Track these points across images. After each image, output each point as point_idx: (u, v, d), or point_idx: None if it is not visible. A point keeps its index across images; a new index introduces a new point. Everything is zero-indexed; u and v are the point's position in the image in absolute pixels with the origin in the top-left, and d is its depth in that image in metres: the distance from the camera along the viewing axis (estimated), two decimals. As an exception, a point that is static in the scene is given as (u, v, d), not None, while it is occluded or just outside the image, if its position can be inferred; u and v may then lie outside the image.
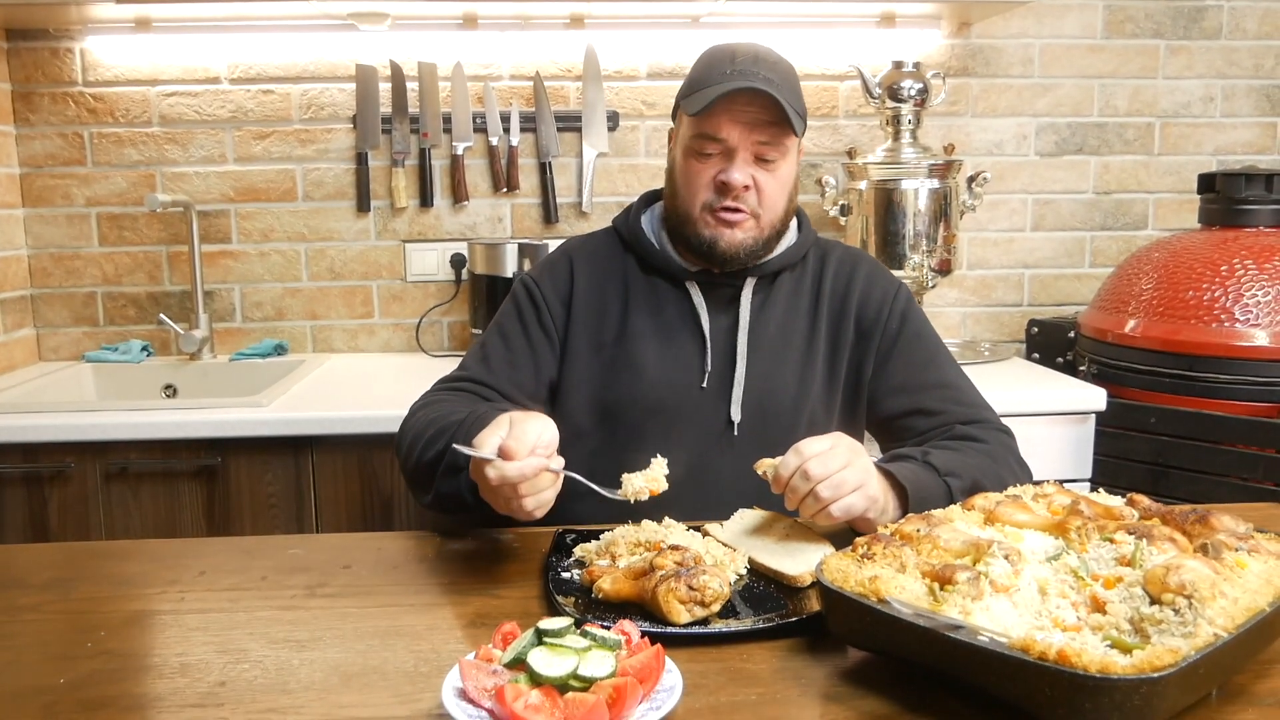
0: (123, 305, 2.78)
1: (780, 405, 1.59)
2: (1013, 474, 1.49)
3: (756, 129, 1.51)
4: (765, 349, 1.61)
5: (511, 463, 1.18)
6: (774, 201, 1.56)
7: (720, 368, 1.60)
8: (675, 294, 1.64)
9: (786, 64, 1.58)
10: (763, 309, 1.63)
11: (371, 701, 0.95)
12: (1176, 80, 2.90)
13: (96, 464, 2.10)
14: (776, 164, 1.55)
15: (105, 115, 2.70)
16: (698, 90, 1.53)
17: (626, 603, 1.12)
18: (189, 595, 1.21)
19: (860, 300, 1.66)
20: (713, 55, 1.58)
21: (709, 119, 1.52)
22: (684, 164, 1.58)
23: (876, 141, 2.70)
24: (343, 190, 2.77)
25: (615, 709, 0.86)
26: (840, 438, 1.28)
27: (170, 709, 0.94)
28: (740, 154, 1.53)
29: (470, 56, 2.74)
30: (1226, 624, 0.87)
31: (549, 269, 1.69)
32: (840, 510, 1.24)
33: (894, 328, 1.65)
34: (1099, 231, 2.95)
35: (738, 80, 1.49)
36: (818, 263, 1.69)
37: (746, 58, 1.53)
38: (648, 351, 1.61)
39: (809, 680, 0.98)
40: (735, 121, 1.51)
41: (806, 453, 1.24)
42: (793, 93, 1.53)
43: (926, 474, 1.38)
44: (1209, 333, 2.22)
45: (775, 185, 1.56)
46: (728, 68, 1.52)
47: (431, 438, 1.42)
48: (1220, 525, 1.08)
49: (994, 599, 0.95)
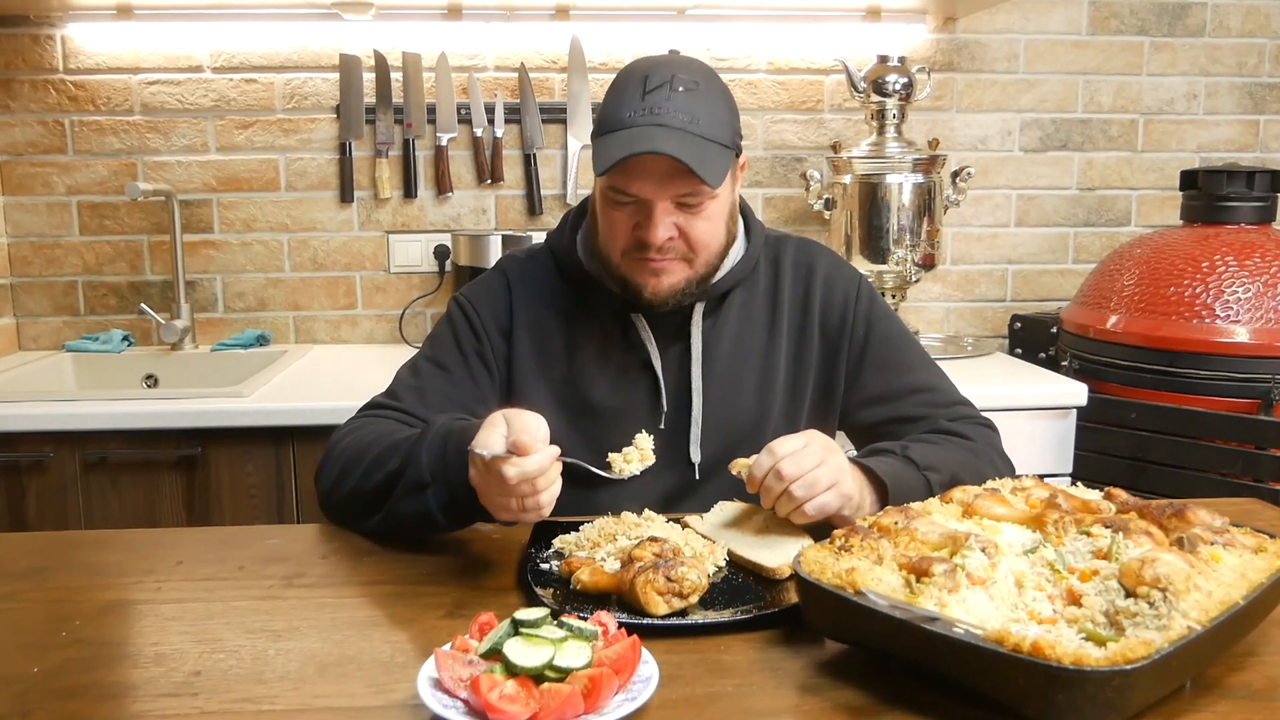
0: (103, 295, 2.76)
1: (741, 433, 1.52)
2: (994, 468, 1.47)
3: (671, 182, 1.36)
4: (721, 376, 1.54)
5: (530, 458, 1.13)
6: (705, 243, 1.44)
7: (675, 404, 1.53)
8: (620, 326, 1.53)
9: (711, 82, 1.42)
10: (714, 331, 1.54)
11: (347, 691, 0.95)
12: (1160, 77, 2.91)
13: (76, 454, 2.09)
14: (703, 205, 1.41)
15: (86, 103, 2.68)
16: (605, 133, 1.38)
17: (605, 594, 1.12)
18: (165, 585, 1.21)
19: (822, 306, 1.58)
20: (623, 82, 1.41)
21: (618, 174, 1.36)
22: (602, 208, 1.45)
23: (861, 136, 2.70)
24: (326, 180, 2.76)
25: (591, 699, 0.85)
26: (814, 435, 1.28)
27: (145, 698, 0.94)
28: (658, 207, 1.38)
29: (455, 47, 2.73)
30: (1200, 617, 0.87)
31: (486, 293, 1.58)
32: (814, 509, 1.24)
33: (861, 334, 1.58)
34: (1082, 227, 2.96)
35: (643, 129, 1.34)
36: (770, 269, 1.60)
37: (660, 86, 1.37)
38: (599, 391, 1.52)
39: (786, 672, 0.98)
40: (648, 177, 1.36)
41: (779, 452, 1.24)
42: (715, 123, 1.38)
43: (905, 468, 1.37)
44: (1190, 329, 2.23)
45: (705, 227, 1.42)
46: (635, 105, 1.36)
47: (377, 459, 1.33)
48: (1196, 519, 1.08)
49: (970, 591, 0.95)
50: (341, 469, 1.39)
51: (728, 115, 1.43)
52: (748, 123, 2.80)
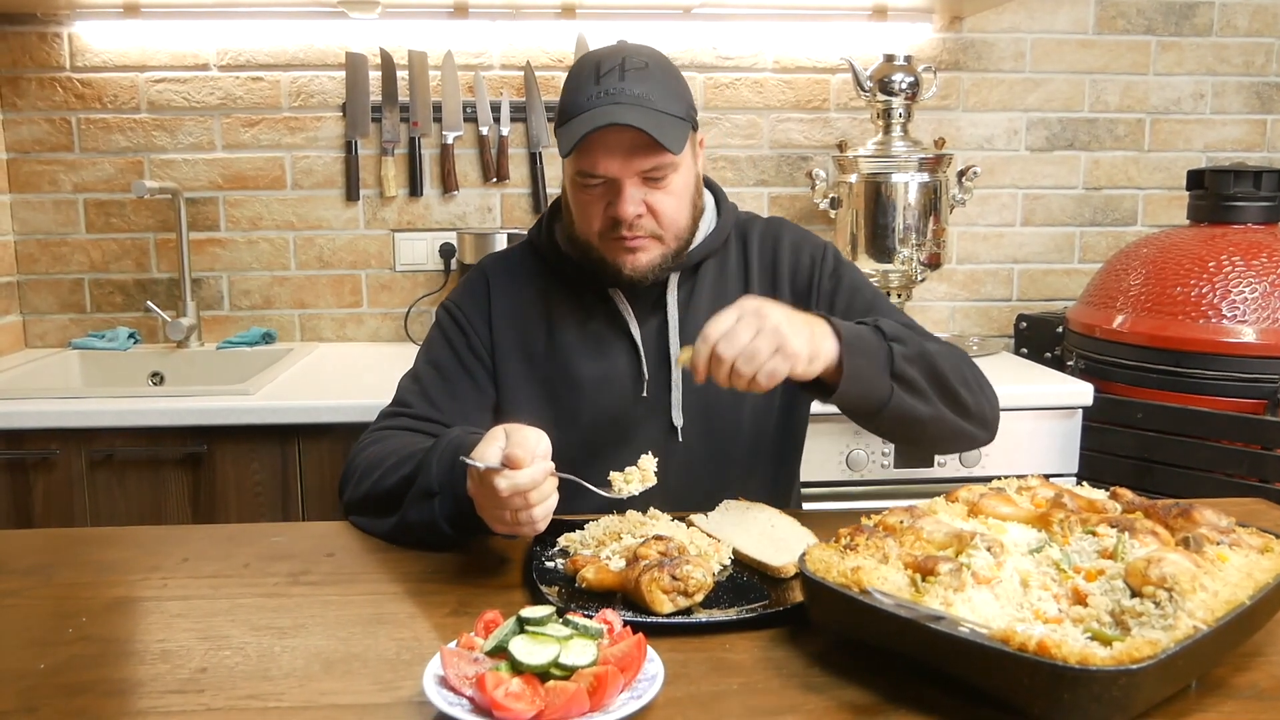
0: (110, 292, 2.77)
1: (721, 398, 1.55)
2: (970, 370, 1.49)
3: (635, 157, 1.43)
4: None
5: (522, 471, 1.15)
6: (673, 218, 1.50)
7: (656, 373, 1.58)
8: (600, 302, 1.59)
9: (659, 62, 1.49)
10: (690, 302, 1.60)
11: (353, 689, 0.95)
12: (1167, 76, 2.90)
13: (82, 451, 2.09)
14: (668, 179, 1.47)
15: (93, 101, 2.68)
16: (566, 120, 1.46)
17: (610, 592, 1.12)
18: (171, 582, 1.21)
19: (791, 268, 1.64)
20: (577, 73, 1.49)
21: (583, 156, 1.44)
22: (573, 195, 1.52)
23: (867, 135, 2.70)
24: (331, 179, 2.76)
25: (596, 697, 0.86)
26: (744, 303, 1.27)
27: (151, 695, 0.94)
28: (625, 183, 1.45)
29: (461, 45, 2.73)
30: (1206, 617, 0.87)
31: (468, 291, 1.65)
32: (765, 378, 1.24)
33: (829, 286, 1.62)
34: (1088, 227, 2.96)
35: (600, 108, 1.41)
36: (740, 243, 1.66)
37: (611, 71, 1.44)
38: (582, 367, 1.57)
39: (791, 670, 0.98)
40: (611, 155, 1.43)
41: (712, 335, 1.25)
42: (669, 95, 1.45)
43: (871, 334, 1.36)
44: (1196, 329, 2.23)
45: (671, 202, 1.49)
46: (592, 90, 1.43)
47: (394, 465, 1.37)
48: (1202, 519, 1.08)
49: (976, 590, 0.95)
50: (363, 474, 1.43)
51: (679, 90, 1.49)
52: (753, 120, 2.81)
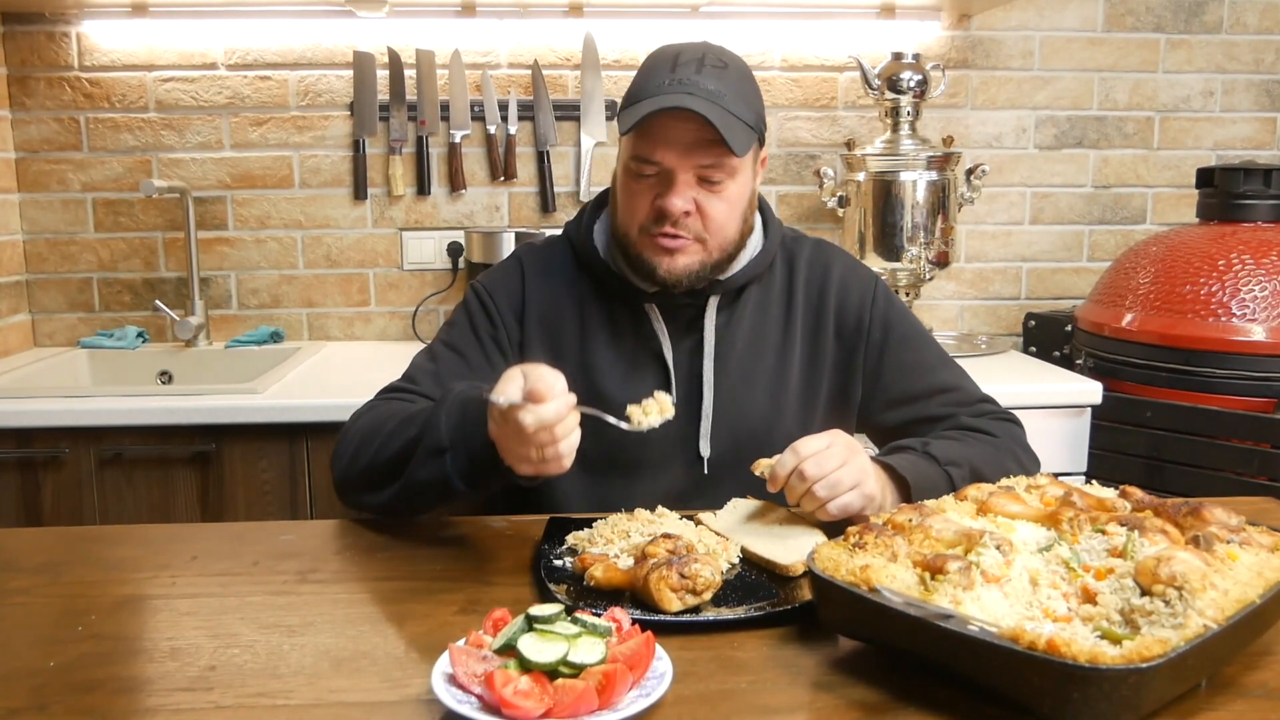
0: (118, 291, 2.78)
1: (752, 431, 1.52)
2: (1018, 463, 1.46)
3: (695, 151, 1.38)
4: (733, 372, 1.54)
5: (546, 404, 1.13)
6: (721, 225, 1.44)
7: (686, 397, 1.52)
8: (633, 316, 1.54)
9: (739, 66, 1.44)
10: (728, 326, 1.54)
11: (361, 686, 0.95)
12: (1176, 74, 2.89)
13: (91, 450, 2.10)
14: (723, 185, 1.42)
15: (101, 100, 2.69)
16: (633, 103, 1.41)
17: (618, 590, 1.12)
18: (180, 580, 1.21)
19: (837, 309, 1.58)
20: (654, 60, 1.45)
21: (643, 140, 1.39)
22: (623, 182, 1.46)
23: (875, 133, 2.70)
24: (339, 177, 2.77)
25: (605, 695, 0.86)
26: (838, 436, 1.28)
27: (160, 692, 0.94)
28: (680, 177, 1.40)
29: (468, 44, 2.73)
30: (1216, 615, 0.87)
31: (502, 279, 1.60)
32: (836, 509, 1.24)
33: (878, 337, 1.57)
34: (1097, 225, 2.95)
35: (672, 95, 1.36)
36: (785, 268, 1.60)
37: (689, 63, 1.40)
38: (609, 380, 1.52)
39: (799, 669, 0.98)
40: (671, 144, 1.38)
41: (803, 452, 1.24)
42: (743, 101, 1.40)
43: (927, 465, 1.37)
44: (1206, 327, 2.22)
45: (723, 208, 1.43)
46: (665, 76, 1.39)
47: (395, 429, 1.35)
48: (1212, 518, 1.08)
49: (985, 589, 0.95)
50: (359, 445, 1.40)
51: (754, 99, 1.44)
52: (761, 120, 2.80)
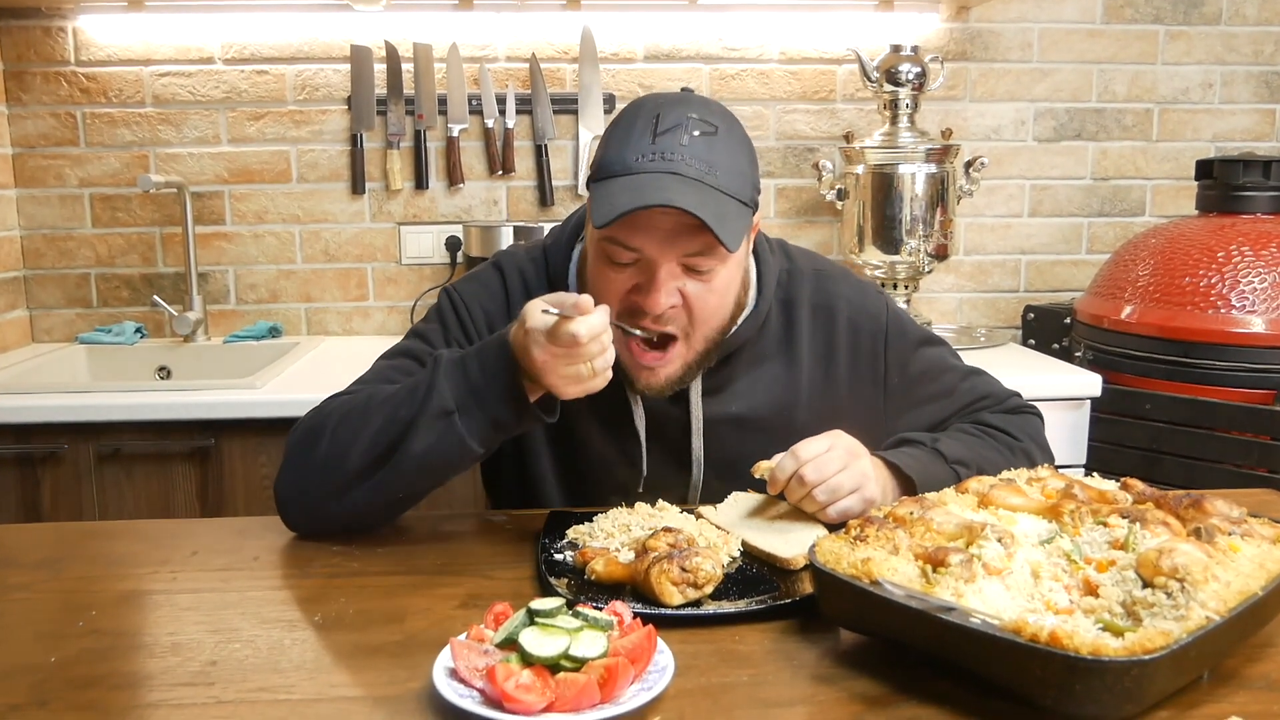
0: (116, 287, 2.77)
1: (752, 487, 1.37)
2: (1030, 463, 1.41)
3: (681, 239, 1.21)
4: (728, 438, 1.41)
5: (594, 315, 1.11)
6: (709, 317, 1.28)
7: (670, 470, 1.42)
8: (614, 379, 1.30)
9: (729, 126, 1.26)
10: (718, 392, 1.40)
11: (363, 681, 0.95)
12: (1175, 66, 2.89)
13: (89, 445, 2.10)
14: (713, 273, 1.25)
15: (98, 95, 2.68)
16: (606, 176, 1.22)
17: (619, 584, 1.12)
18: (180, 575, 1.21)
19: (849, 352, 1.45)
20: (632, 117, 1.25)
21: (618, 225, 1.19)
22: (594, 265, 1.29)
23: (874, 125, 2.69)
24: (337, 172, 2.76)
25: (606, 689, 0.86)
26: (839, 438, 1.26)
27: (161, 687, 0.94)
28: (662, 268, 1.22)
29: (466, 38, 2.72)
30: (1218, 607, 0.87)
31: (480, 288, 1.44)
32: (836, 513, 1.24)
33: (896, 381, 1.47)
34: (1096, 217, 2.95)
35: (653, 176, 1.18)
36: (783, 317, 1.43)
37: (673, 129, 1.21)
38: (588, 434, 1.41)
39: (801, 662, 0.98)
40: (652, 231, 1.20)
41: (803, 456, 1.23)
42: (735, 172, 1.22)
43: (934, 462, 1.34)
44: (1205, 319, 2.22)
45: (712, 300, 1.27)
46: (646, 146, 1.20)
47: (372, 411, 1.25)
48: (1214, 510, 1.07)
49: (986, 581, 0.95)
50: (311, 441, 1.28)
51: (748, 167, 1.27)
52: (759, 112, 2.80)
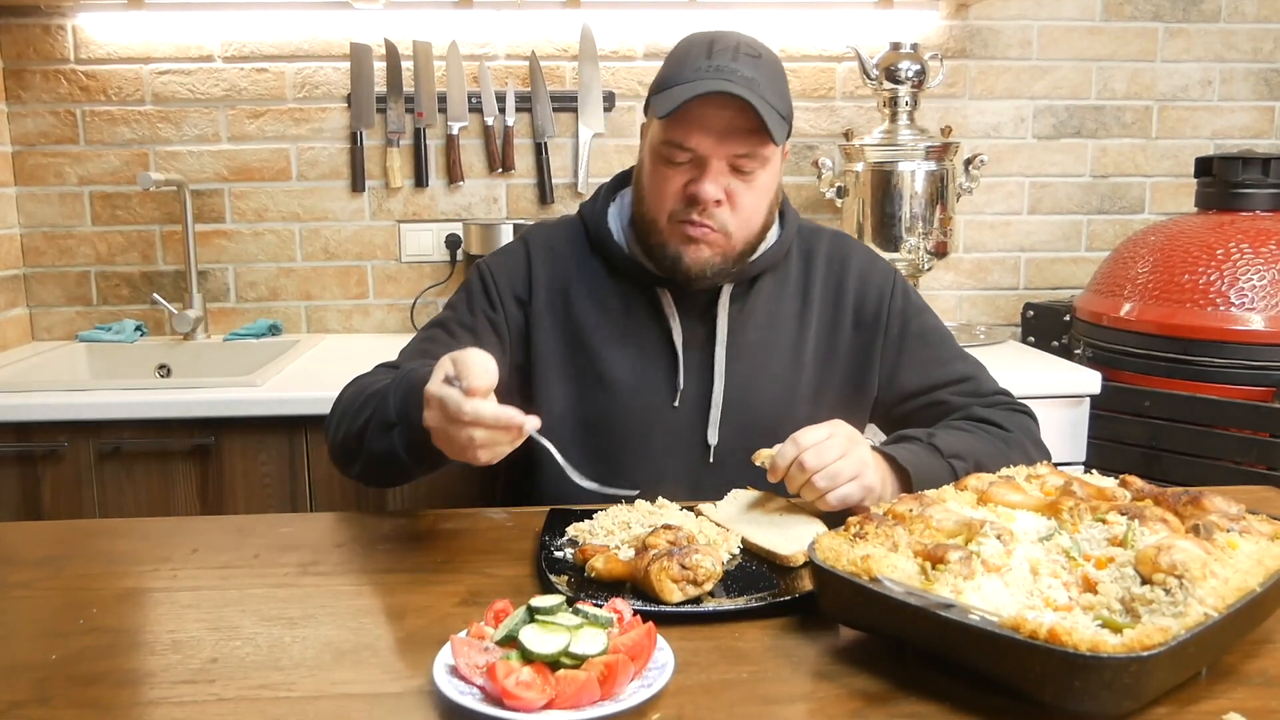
0: (116, 285, 2.77)
1: (762, 422, 1.50)
2: (1027, 458, 1.44)
3: (731, 138, 1.38)
4: (745, 360, 1.53)
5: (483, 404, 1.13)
6: (749, 216, 1.45)
7: (695, 385, 1.52)
8: (644, 298, 1.53)
9: (771, 57, 1.44)
10: (741, 314, 1.54)
11: (363, 678, 0.95)
12: (1175, 63, 2.89)
13: (90, 444, 2.10)
14: (755, 175, 1.42)
15: (98, 93, 2.68)
16: (668, 87, 1.40)
17: (619, 581, 1.13)
18: (181, 573, 1.21)
19: (856, 303, 1.58)
20: (688, 46, 1.44)
21: (678, 125, 1.38)
22: (652, 169, 1.46)
23: (873, 123, 2.69)
24: (337, 170, 2.76)
25: (606, 686, 0.86)
26: (839, 426, 1.28)
27: (162, 685, 0.95)
28: (713, 164, 1.40)
29: (466, 36, 2.72)
30: (1217, 604, 0.87)
31: (507, 261, 1.58)
32: (836, 499, 1.24)
33: (896, 331, 1.58)
34: (1095, 215, 2.95)
35: (710, 81, 1.35)
36: (802, 259, 1.60)
37: (725, 50, 1.39)
38: (617, 365, 1.52)
39: (800, 659, 0.98)
40: (708, 130, 1.38)
41: (803, 443, 1.24)
42: (776, 92, 1.40)
43: (930, 456, 1.36)
44: (1205, 316, 2.22)
45: (752, 198, 1.44)
46: (702, 63, 1.38)
47: (361, 405, 1.38)
48: (1212, 506, 1.08)
49: (986, 578, 0.95)
50: (338, 417, 1.44)
51: (785, 91, 1.45)
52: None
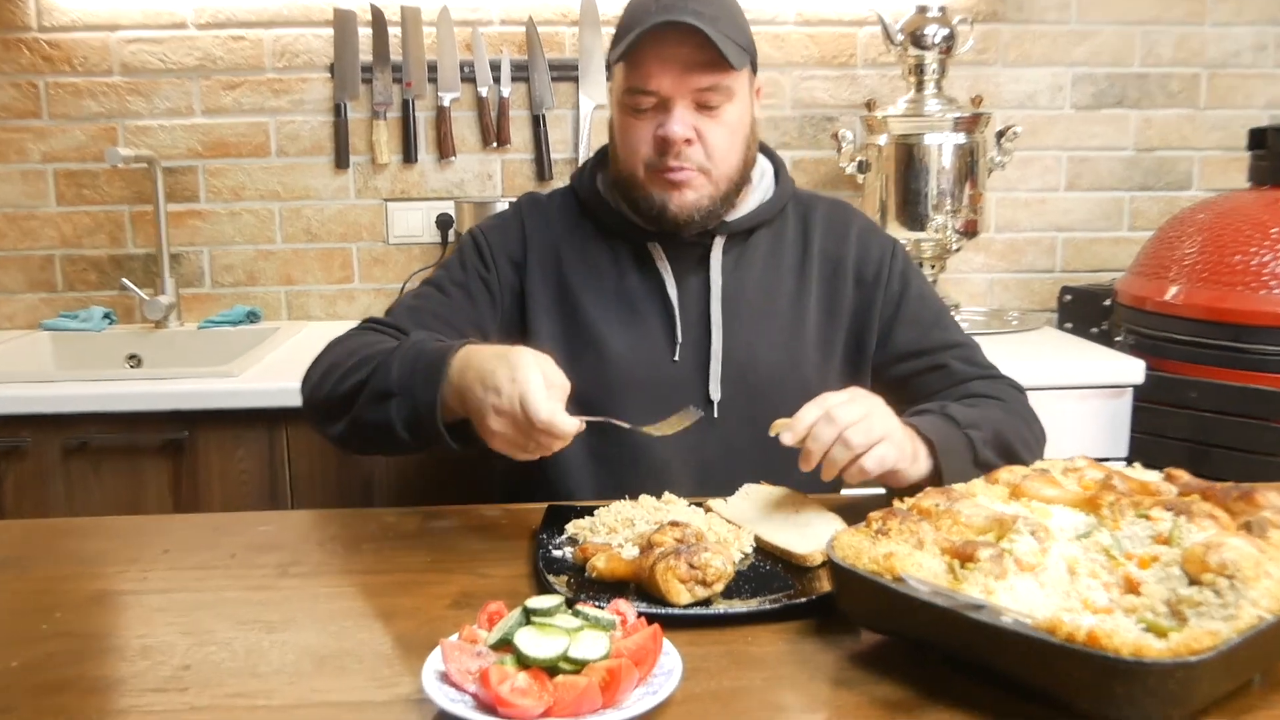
0: (83, 269, 2.78)
1: (767, 379, 1.57)
2: (1028, 427, 1.54)
3: (691, 73, 1.46)
4: (744, 315, 1.59)
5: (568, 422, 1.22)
6: (724, 152, 1.52)
7: (694, 340, 1.58)
8: (637, 258, 1.61)
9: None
10: (737, 270, 1.61)
11: (347, 686, 0.95)
12: (1226, 27, 2.87)
13: (55, 438, 2.10)
14: (721, 109, 1.49)
15: (62, 64, 2.68)
16: (622, 36, 1.49)
17: (622, 582, 1.12)
18: (152, 574, 1.22)
19: (857, 260, 1.65)
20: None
21: (636, 70, 1.48)
22: (620, 121, 1.55)
23: (898, 93, 2.68)
24: (319, 145, 2.76)
25: (609, 693, 0.86)
26: (858, 391, 1.30)
27: (131, 693, 0.95)
28: (677, 104, 1.47)
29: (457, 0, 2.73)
30: (1271, 606, 0.86)
31: (500, 227, 1.67)
32: (874, 461, 1.24)
33: (896, 289, 1.64)
34: (1139, 192, 2.94)
35: (660, 15, 1.43)
36: (800, 218, 1.67)
37: None
38: (611, 325, 1.58)
39: (818, 664, 0.98)
40: (666, 68, 1.46)
41: (830, 401, 1.25)
42: (730, 23, 1.48)
43: (948, 426, 1.40)
44: (1257, 300, 2.21)
45: (723, 133, 1.51)
46: (652, 5, 1.46)
47: (354, 366, 1.41)
48: (1266, 502, 1.07)
49: (1019, 578, 0.95)
50: (320, 375, 1.48)
51: (743, 24, 1.53)
52: (774, 78, 2.79)
